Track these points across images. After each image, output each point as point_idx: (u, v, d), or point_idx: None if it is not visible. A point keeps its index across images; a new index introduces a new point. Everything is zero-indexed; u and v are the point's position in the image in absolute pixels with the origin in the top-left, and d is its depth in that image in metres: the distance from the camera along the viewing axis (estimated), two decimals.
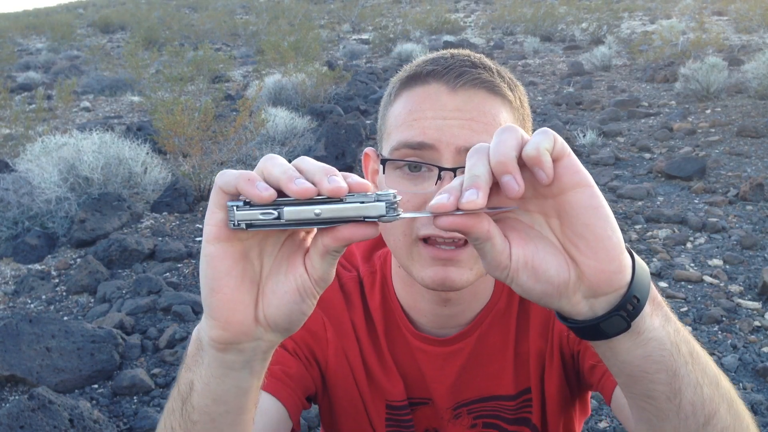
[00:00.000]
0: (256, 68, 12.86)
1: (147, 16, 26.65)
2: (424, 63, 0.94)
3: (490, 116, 0.89)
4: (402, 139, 0.90)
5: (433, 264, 0.90)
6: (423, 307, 1.05)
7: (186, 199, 5.60)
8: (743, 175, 5.80)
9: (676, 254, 4.39)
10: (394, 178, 0.91)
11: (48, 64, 16.36)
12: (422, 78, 0.92)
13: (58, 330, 3.27)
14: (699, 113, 8.29)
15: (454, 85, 0.89)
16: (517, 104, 0.94)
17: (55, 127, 8.61)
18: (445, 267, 0.90)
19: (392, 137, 0.92)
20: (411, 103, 0.91)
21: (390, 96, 0.97)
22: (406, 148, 0.89)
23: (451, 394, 1.09)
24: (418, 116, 0.89)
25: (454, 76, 0.89)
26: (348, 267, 1.14)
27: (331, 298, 1.09)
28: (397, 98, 0.95)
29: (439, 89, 0.90)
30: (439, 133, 0.87)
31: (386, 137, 0.95)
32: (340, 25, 24.32)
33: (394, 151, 0.91)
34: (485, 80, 0.90)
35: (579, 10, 20.27)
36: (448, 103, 0.89)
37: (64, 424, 2.54)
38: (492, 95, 0.90)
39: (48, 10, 40.28)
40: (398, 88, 0.96)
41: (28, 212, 5.13)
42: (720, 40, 12.36)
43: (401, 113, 0.92)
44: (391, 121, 0.94)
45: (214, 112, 6.55)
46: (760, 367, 3.08)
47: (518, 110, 0.94)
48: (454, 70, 0.90)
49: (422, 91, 0.91)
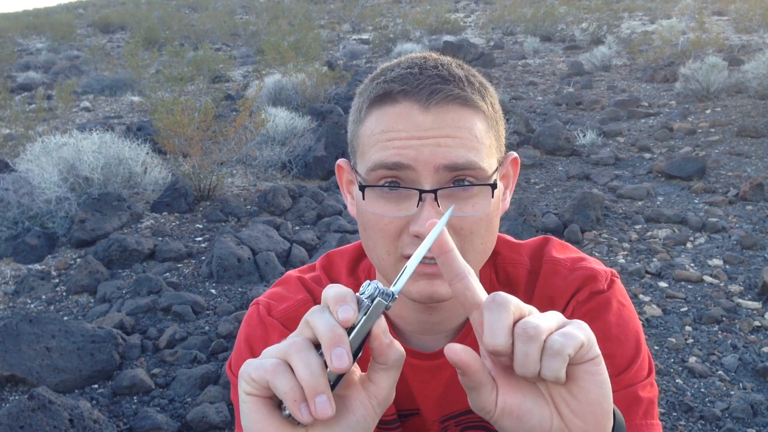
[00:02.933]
0: (256, 68, 12.86)
1: (147, 16, 26.64)
2: (392, 80, 0.91)
3: (465, 130, 0.88)
4: (378, 160, 0.88)
5: (420, 279, 0.89)
6: (408, 316, 1.03)
7: (186, 199, 5.60)
8: (743, 175, 5.80)
9: (676, 254, 4.39)
10: (374, 199, 0.90)
11: (48, 64, 16.36)
12: (392, 97, 0.89)
13: (58, 330, 3.27)
14: (699, 113, 8.29)
15: (427, 104, 0.87)
16: (489, 112, 0.93)
17: (55, 127, 8.60)
18: (431, 281, 0.89)
19: (367, 157, 0.91)
20: (383, 123, 0.90)
21: (360, 113, 0.95)
22: (383, 169, 0.88)
23: (438, 407, 1.08)
24: (392, 136, 0.88)
25: (426, 95, 0.88)
26: (324, 282, 1.11)
27: None
28: (367, 116, 0.93)
29: (411, 108, 0.88)
30: (416, 153, 0.86)
31: (360, 156, 0.94)
32: (340, 25, 24.33)
33: (370, 172, 0.90)
34: (457, 95, 0.89)
35: (579, 10, 20.27)
36: (421, 122, 0.87)
37: (64, 424, 2.54)
38: (465, 108, 0.89)
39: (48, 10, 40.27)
40: (368, 106, 0.93)
41: (28, 212, 5.13)
42: (720, 40, 12.36)
43: (374, 133, 0.90)
44: (364, 140, 0.93)
45: (214, 112, 6.55)
46: (760, 367, 3.08)
47: (491, 117, 0.93)
48: (425, 88, 0.88)
49: (393, 111, 0.89)
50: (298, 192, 5.84)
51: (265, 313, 1.06)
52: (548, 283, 1.04)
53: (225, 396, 2.98)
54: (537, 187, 6.04)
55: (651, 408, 0.96)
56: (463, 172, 0.87)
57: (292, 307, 1.06)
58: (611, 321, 0.99)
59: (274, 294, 1.09)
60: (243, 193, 6.11)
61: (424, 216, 0.85)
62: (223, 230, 4.96)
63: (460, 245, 0.89)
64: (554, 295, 1.03)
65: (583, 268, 1.03)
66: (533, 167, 6.61)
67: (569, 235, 4.65)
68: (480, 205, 0.89)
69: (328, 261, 1.14)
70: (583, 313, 1.00)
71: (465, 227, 0.89)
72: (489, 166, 0.90)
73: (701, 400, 2.91)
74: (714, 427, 2.74)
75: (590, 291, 1.01)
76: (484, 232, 0.91)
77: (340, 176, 1.06)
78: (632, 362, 0.97)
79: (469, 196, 0.88)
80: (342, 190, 1.06)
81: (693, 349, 3.29)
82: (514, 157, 1.02)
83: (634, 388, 0.95)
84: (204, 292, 4.13)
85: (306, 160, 6.74)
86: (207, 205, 5.69)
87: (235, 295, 4.05)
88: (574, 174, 6.26)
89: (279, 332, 1.03)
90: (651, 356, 1.03)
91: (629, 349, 0.98)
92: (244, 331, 1.07)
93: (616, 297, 1.02)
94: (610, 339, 0.98)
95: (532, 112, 9.17)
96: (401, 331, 1.07)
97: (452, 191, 0.87)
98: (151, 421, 2.82)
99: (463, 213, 0.88)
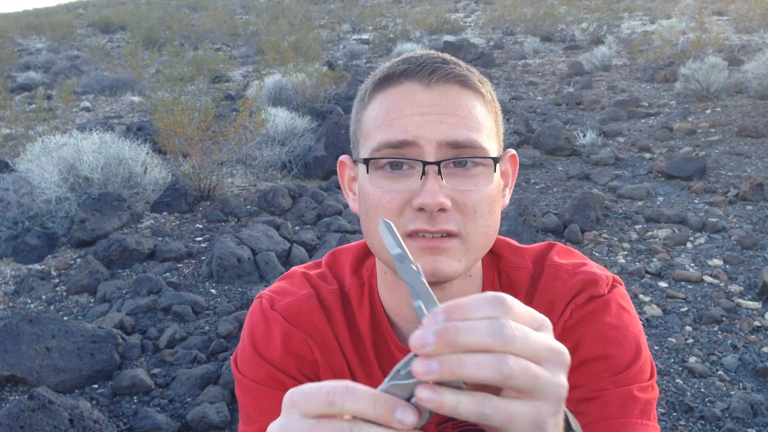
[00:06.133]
0: (256, 68, 12.86)
1: (147, 16, 26.64)
2: (395, 64, 0.94)
3: (465, 109, 0.90)
4: (383, 140, 0.89)
5: (422, 255, 0.89)
6: (408, 313, 1.02)
7: (186, 199, 5.60)
8: (743, 175, 5.80)
9: (676, 254, 4.39)
10: (377, 178, 0.91)
11: (48, 64, 16.35)
12: (395, 78, 0.92)
13: (58, 330, 3.27)
14: (699, 113, 8.29)
15: (428, 81, 0.90)
16: (489, 98, 0.95)
17: (55, 127, 8.60)
18: (434, 256, 0.89)
19: (371, 139, 0.92)
20: (387, 103, 0.91)
21: (363, 100, 0.97)
22: (388, 148, 0.89)
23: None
24: (396, 115, 0.89)
25: (428, 72, 0.90)
26: (329, 280, 1.10)
27: (311, 317, 1.05)
28: (371, 101, 0.95)
29: (413, 87, 0.90)
30: (419, 130, 0.88)
31: (363, 141, 0.95)
32: (340, 25, 24.32)
33: (375, 152, 0.91)
34: (458, 74, 0.91)
35: (579, 10, 20.27)
36: (424, 99, 0.89)
37: (64, 424, 2.54)
38: (465, 89, 0.91)
39: (48, 10, 40.28)
40: (371, 91, 0.95)
41: (28, 212, 5.13)
42: (720, 40, 12.36)
43: (378, 115, 0.92)
44: (368, 123, 0.94)
45: (214, 112, 6.55)
46: (760, 367, 3.08)
47: (490, 104, 0.95)
48: (426, 67, 0.91)
49: (396, 91, 0.91)
50: (298, 192, 5.84)
51: (267, 307, 1.05)
52: (549, 288, 1.03)
53: (225, 396, 2.98)
54: (537, 187, 6.04)
55: (648, 409, 0.95)
56: (464, 150, 0.88)
57: (294, 302, 1.06)
58: (609, 323, 0.99)
59: (278, 288, 1.09)
60: (243, 193, 6.11)
61: (428, 188, 0.86)
62: (223, 230, 4.96)
63: (464, 224, 0.89)
64: (554, 298, 1.02)
65: (584, 273, 1.03)
66: (533, 167, 6.61)
67: (569, 235, 4.65)
68: (482, 183, 0.90)
69: (333, 258, 1.14)
70: (581, 316, 1.00)
71: (468, 204, 0.89)
72: (490, 147, 0.91)
73: (701, 400, 2.91)
74: (714, 427, 2.74)
75: (590, 295, 1.01)
76: (487, 212, 0.91)
77: (341, 173, 1.06)
78: (632, 364, 0.97)
79: (471, 175, 0.89)
80: (343, 188, 1.06)
81: (693, 349, 3.29)
82: (513, 153, 1.03)
83: (631, 388, 0.95)
84: (204, 292, 4.13)
85: (306, 160, 6.74)
86: (207, 205, 5.69)
87: (235, 295, 4.05)
88: (574, 174, 6.26)
89: (281, 326, 1.03)
90: (653, 362, 1.02)
91: (629, 351, 0.97)
92: (247, 324, 1.08)
93: (615, 300, 1.01)
94: (607, 340, 0.97)
95: (532, 112, 9.17)
96: (399, 330, 1.06)
97: (455, 170, 0.89)
98: (151, 421, 2.82)
99: (466, 187, 0.88)
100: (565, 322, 1.00)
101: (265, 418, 0.99)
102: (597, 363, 0.97)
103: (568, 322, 1.00)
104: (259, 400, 1.02)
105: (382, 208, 0.90)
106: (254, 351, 1.04)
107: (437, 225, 0.87)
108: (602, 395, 0.94)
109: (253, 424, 1.02)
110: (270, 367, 1.02)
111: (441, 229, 0.88)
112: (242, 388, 1.04)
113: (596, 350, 0.97)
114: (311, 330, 1.05)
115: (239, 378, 1.05)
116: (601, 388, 0.95)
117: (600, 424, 0.93)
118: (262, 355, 1.03)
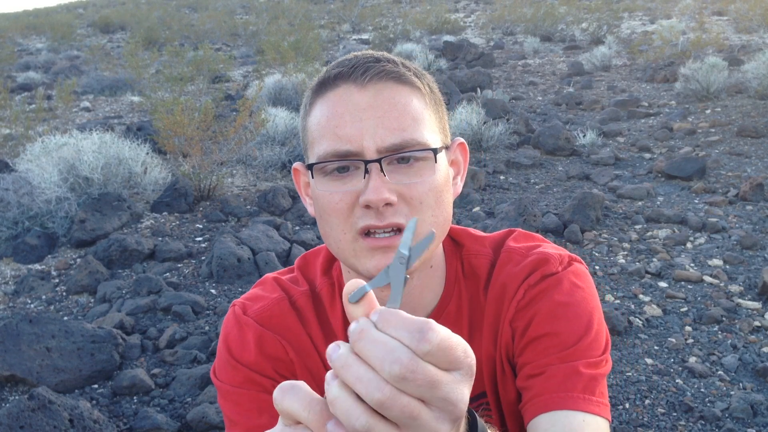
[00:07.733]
0: (256, 68, 12.86)
1: (147, 16, 26.63)
2: (331, 68, 0.97)
3: (401, 106, 0.92)
4: (328, 150, 0.92)
5: (375, 254, 0.92)
6: None
7: (186, 199, 5.60)
8: (743, 175, 5.80)
9: (676, 254, 4.39)
10: (325, 182, 0.94)
11: (48, 64, 16.35)
12: (331, 82, 0.95)
13: (58, 330, 3.27)
14: (699, 113, 8.29)
15: (362, 81, 0.92)
16: (426, 90, 0.97)
17: (55, 127, 8.61)
18: (386, 254, 0.92)
19: (316, 147, 0.95)
20: (326, 109, 0.94)
21: (306, 107, 1.00)
22: (333, 157, 0.92)
23: None
24: (337, 123, 0.92)
25: (360, 73, 0.93)
26: (300, 282, 1.13)
27: (284, 319, 1.08)
28: (312, 107, 0.98)
29: (349, 89, 0.93)
30: (359, 137, 0.90)
31: (310, 147, 0.97)
32: (340, 25, 24.31)
33: (321, 159, 0.94)
34: (390, 71, 0.93)
35: (579, 10, 20.27)
36: (360, 101, 0.92)
37: (64, 424, 2.54)
38: (399, 84, 0.94)
39: (48, 10, 40.25)
40: (311, 97, 0.99)
41: (28, 212, 5.13)
42: (720, 40, 12.36)
43: (320, 122, 0.95)
44: (312, 131, 0.97)
45: (214, 112, 6.55)
46: (760, 367, 3.08)
47: (428, 95, 0.97)
48: (359, 68, 0.93)
49: (333, 95, 0.94)
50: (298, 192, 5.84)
51: (240, 313, 1.08)
52: (502, 271, 1.06)
53: None
54: (537, 187, 6.04)
55: (593, 384, 0.96)
56: (404, 149, 0.91)
57: (266, 306, 1.09)
58: (558, 300, 1.01)
59: (250, 295, 1.12)
60: (243, 193, 6.11)
61: (371, 186, 0.89)
62: (223, 230, 4.96)
63: (412, 216, 0.92)
64: (507, 281, 1.05)
65: (536, 254, 1.06)
66: (533, 167, 6.61)
67: (569, 235, 4.65)
68: (426, 174, 0.92)
69: (305, 261, 1.17)
70: (533, 295, 1.02)
71: (414, 196, 0.92)
72: (430, 139, 0.94)
73: (701, 400, 2.91)
74: (714, 427, 2.74)
75: (542, 274, 1.03)
76: (434, 203, 0.94)
77: (297, 180, 1.09)
78: (580, 339, 0.98)
79: (414, 168, 0.92)
80: (300, 193, 1.09)
81: (693, 349, 3.29)
82: (461, 141, 1.05)
83: (576, 363, 0.96)
84: (204, 292, 4.13)
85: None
86: (207, 205, 5.69)
87: (235, 295, 4.05)
88: (574, 174, 6.26)
89: (254, 330, 1.06)
90: (609, 337, 1.04)
91: (578, 328, 0.99)
92: (222, 333, 1.11)
93: (568, 278, 1.03)
94: (556, 317, 1.00)
95: (532, 112, 9.17)
96: None
97: (398, 166, 0.91)
98: (151, 421, 2.82)
99: (410, 180, 0.91)
100: (519, 302, 1.03)
101: (247, 419, 1.02)
102: (545, 339, 0.99)
103: (522, 302, 1.03)
104: (239, 404, 1.04)
105: (333, 209, 0.93)
106: (230, 356, 1.06)
107: (385, 219, 0.90)
108: (547, 370, 0.97)
109: (236, 428, 1.04)
110: (246, 370, 1.04)
111: (389, 223, 0.90)
112: (223, 395, 1.07)
113: (545, 327, 1.00)
114: (284, 331, 1.08)
115: (219, 386, 1.07)
116: (547, 363, 0.98)
117: (542, 397, 0.95)
118: (238, 359, 1.05)
